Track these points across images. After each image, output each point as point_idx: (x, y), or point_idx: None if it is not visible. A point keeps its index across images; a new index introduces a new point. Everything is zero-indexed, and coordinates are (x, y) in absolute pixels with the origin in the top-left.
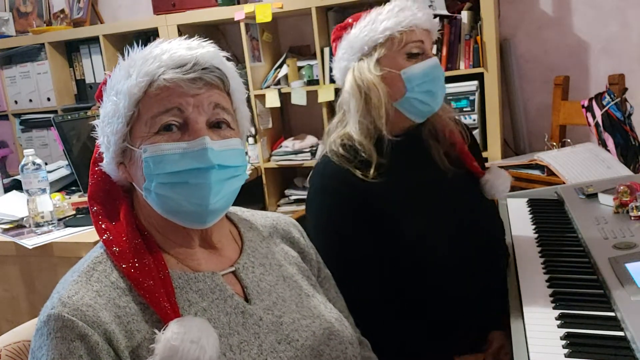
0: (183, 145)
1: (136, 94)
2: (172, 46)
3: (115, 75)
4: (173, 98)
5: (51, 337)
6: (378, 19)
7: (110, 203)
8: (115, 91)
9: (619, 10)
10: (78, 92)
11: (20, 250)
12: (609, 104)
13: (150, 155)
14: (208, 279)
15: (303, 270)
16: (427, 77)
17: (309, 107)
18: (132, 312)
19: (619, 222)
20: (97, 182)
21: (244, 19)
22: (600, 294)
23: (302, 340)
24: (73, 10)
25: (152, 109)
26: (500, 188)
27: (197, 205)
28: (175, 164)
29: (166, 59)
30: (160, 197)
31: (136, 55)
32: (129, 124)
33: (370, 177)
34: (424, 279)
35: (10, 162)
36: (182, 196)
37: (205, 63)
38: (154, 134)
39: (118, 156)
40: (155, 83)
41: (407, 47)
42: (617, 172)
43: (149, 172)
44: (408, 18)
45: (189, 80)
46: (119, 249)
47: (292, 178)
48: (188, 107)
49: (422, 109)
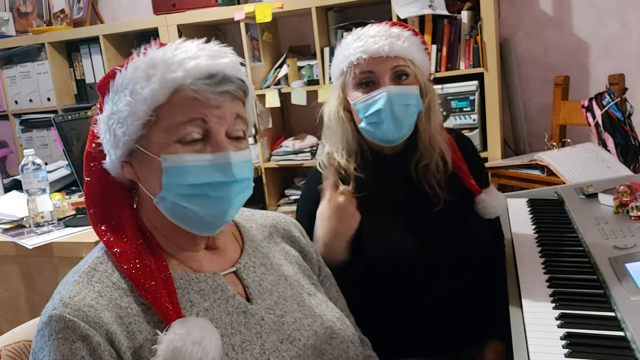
0: (207, 157)
1: (159, 100)
2: (193, 51)
3: (129, 73)
4: (198, 109)
5: (53, 338)
6: (340, 49)
7: (108, 202)
8: (129, 90)
9: (619, 10)
10: (78, 92)
11: (20, 250)
12: (609, 104)
13: (171, 165)
14: (209, 279)
15: (304, 269)
16: (370, 109)
17: (309, 107)
18: (133, 313)
19: (619, 222)
20: (93, 179)
21: (244, 19)
22: (600, 294)
23: (304, 339)
24: (73, 10)
25: (174, 117)
26: (492, 210)
27: (214, 217)
28: (197, 176)
29: (192, 67)
30: (176, 206)
31: (155, 55)
32: (144, 128)
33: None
34: (386, 290)
35: (10, 162)
36: (200, 208)
37: (231, 75)
38: (174, 142)
39: (125, 156)
40: (182, 92)
41: (357, 78)
42: (617, 172)
43: (169, 182)
44: (358, 49)
45: (217, 93)
46: (119, 250)
47: (292, 178)
48: (212, 119)
49: (379, 136)
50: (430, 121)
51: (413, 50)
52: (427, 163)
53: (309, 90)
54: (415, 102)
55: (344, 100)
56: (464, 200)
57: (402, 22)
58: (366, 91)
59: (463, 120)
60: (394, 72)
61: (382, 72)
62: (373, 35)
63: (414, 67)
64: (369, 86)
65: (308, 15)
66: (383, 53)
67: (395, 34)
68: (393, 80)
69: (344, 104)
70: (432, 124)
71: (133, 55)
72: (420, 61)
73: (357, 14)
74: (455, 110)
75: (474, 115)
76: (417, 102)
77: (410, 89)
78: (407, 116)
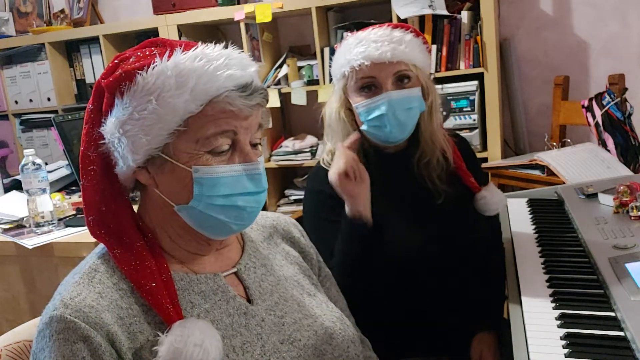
0: (237, 168)
1: (193, 111)
2: (223, 59)
3: (153, 78)
4: (231, 121)
5: (54, 339)
6: (341, 50)
7: (106, 205)
8: (155, 97)
9: (619, 10)
10: (78, 92)
11: (20, 250)
12: (609, 104)
13: (203, 176)
14: (210, 280)
15: (304, 269)
16: (372, 113)
17: (309, 107)
18: (134, 314)
19: (619, 222)
20: (91, 184)
21: (244, 19)
22: (600, 294)
23: (304, 340)
24: (73, 10)
25: (207, 129)
26: (493, 207)
27: (240, 225)
28: (228, 187)
29: (225, 79)
30: (205, 215)
31: (184, 63)
32: (171, 137)
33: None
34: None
35: (11, 162)
36: (230, 217)
37: (259, 86)
38: (205, 153)
39: (142, 162)
40: (217, 105)
41: (358, 83)
42: (617, 172)
43: (201, 192)
44: (360, 55)
45: (251, 106)
46: (120, 251)
47: (292, 178)
48: (241, 130)
49: (382, 138)
50: (432, 120)
51: (415, 53)
52: (429, 159)
53: (309, 90)
54: (417, 103)
55: (345, 101)
56: (465, 197)
57: (403, 22)
58: (368, 95)
59: (463, 120)
60: (396, 77)
61: (384, 78)
62: (375, 40)
63: (415, 69)
64: (371, 90)
65: (308, 15)
66: (385, 59)
67: (397, 38)
68: (395, 84)
69: (345, 105)
70: (434, 122)
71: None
72: (422, 63)
73: (357, 14)
74: (455, 110)
75: (474, 115)
76: (419, 104)
77: (412, 92)
78: (410, 119)
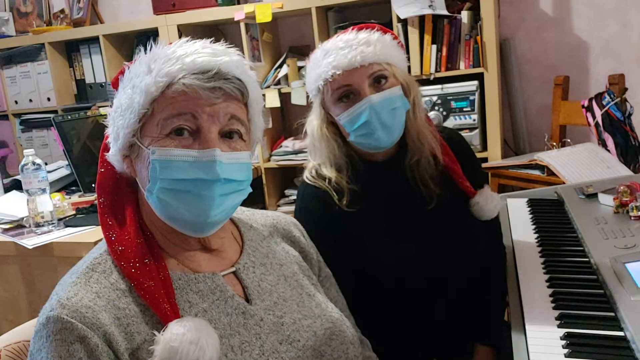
0: (193, 153)
1: (153, 93)
2: (196, 48)
3: (134, 68)
4: (188, 104)
5: (50, 340)
6: (311, 65)
7: (117, 194)
8: (132, 84)
9: (619, 10)
10: (78, 92)
11: (20, 250)
12: (609, 104)
13: (158, 158)
14: (208, 279)
15: (304, 269)
16: (356, 122)
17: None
18: (131, 314)
19: (619, 222)
20: (106, 170)
21: (244, 19)
22: (600, 294)
23: (303, 340)
24: (73, 10)
25: (165, 111)
26: (488, 213)
27: (196, 216)
28: (181, 171)
29: (189, 62)
30: (161, 201)
31: (160, 51)
32: (141, 121)
33: (344, 204)
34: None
35: (10, 162)
36: (182, 204)
37: (227, 73)
38: (165, 136)
39: (125, 149)
40: (174, 86)
41: (335, 94)
42: (617, 172)
43: (154, 175)
44: (329, 65)
45: (207, 88)
46: (122, 248)
47: (292, 178)
48: (202, 115)
49: (372, 145)
50: (417, 117)
51: (386, 51)
52: (418, 159)
53: None
54: (400, 102)
55: (326, 116)
56: (460, 201)
57: (368, 23)
58: (348, 105)
59: (463, 120)
60: (372, 79)
61: (360, 83)
62: (342, 47)
63: (391, 68)
64: (350, 98)
65: (308, 15)
66: (356, 63)
67: (363, 40)
68: (373, 87)
69: (327, 120)
70: (419, 119)
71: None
72: (396, 59)
73: (357, 14)
74: (455, 110)
75: (474, 115)
76: (402, 103)
77: (392, 92)
78: (396, 119)
